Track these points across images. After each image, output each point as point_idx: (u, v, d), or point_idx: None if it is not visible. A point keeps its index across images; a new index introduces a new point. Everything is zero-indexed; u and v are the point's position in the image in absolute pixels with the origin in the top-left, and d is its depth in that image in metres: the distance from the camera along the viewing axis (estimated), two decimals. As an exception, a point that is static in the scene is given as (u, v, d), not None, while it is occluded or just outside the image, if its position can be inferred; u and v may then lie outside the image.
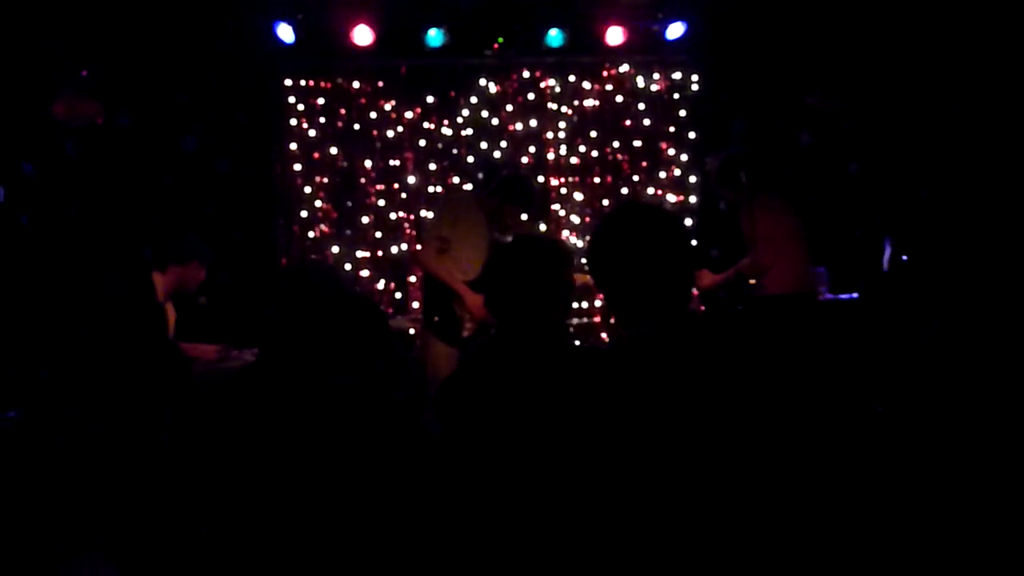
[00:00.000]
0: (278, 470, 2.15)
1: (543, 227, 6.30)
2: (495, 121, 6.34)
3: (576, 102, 6.43)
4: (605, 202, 6.44)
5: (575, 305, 6.35)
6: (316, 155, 6.22)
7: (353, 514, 2.10)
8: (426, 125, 6.30)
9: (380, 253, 6.25)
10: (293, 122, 6.20)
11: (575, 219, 6.41)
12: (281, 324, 2.44)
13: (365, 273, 6.21)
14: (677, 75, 6.43)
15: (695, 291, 4.62)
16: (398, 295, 6.24)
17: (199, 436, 2.18)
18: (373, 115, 6.26)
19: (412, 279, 6.21)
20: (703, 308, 5.25)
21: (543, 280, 2.22)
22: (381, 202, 6.27)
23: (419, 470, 2.19)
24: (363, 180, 6.27)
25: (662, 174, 6.43)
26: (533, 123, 6.34)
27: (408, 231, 6.28)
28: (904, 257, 4.58)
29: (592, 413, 1.75)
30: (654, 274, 1.80)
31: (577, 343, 5.89)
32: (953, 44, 5.49)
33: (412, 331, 5.75)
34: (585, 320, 6.29)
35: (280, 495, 2.12)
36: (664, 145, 6.46)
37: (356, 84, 6.26)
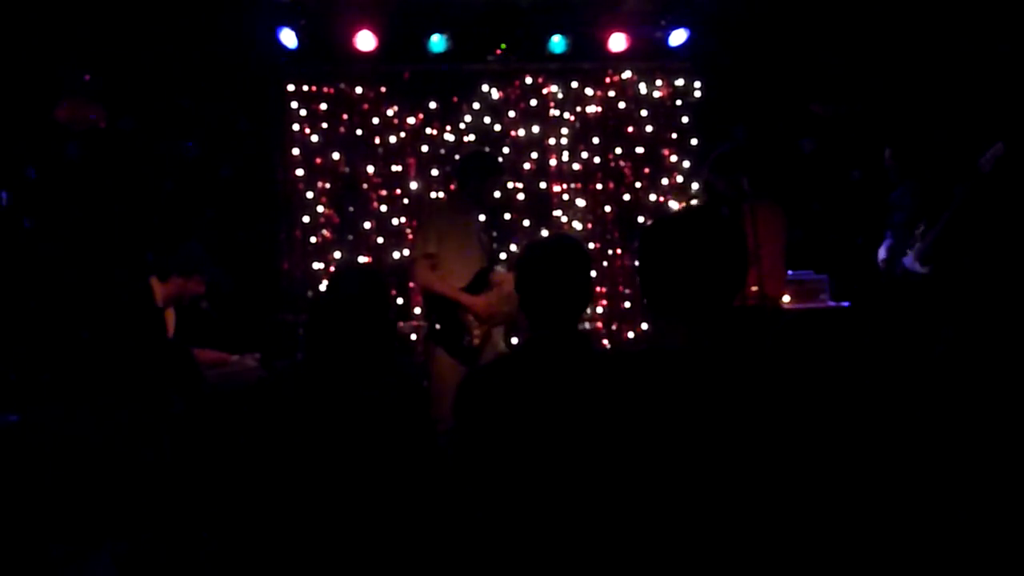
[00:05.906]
0: (296, 474, 2.14)
1: (545, 232, 6.28)
2: (497, 127, 6.34)
3: (578, 108, 6.43)
4: (607, 208, 6.44)
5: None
6: (318, 160, 6.21)
7: (368, 516, 2.09)
8: (428, 131, 6.29)
9: (382, 259, 6.23)
10: (296, 127, 6.19)
11: (577, 225, 6.40)
12: (322, 329, 2.40)
13: (367, 278, 6.19)
14: (680, 81, 6.43)
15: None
16: (400, 300, 6.23)
17: (225, 436, 2.17)
18: (375, 121, 6.26)
19: (413, 284, 6.19)
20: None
21: (579, 281, 2.26)
22: (383, 208, 6.26)
23: (434, 473, 2.19)
24: (365, 186, 6.26)
25: (664, 180, 6.42)
26: (536, 129, 6.34)
27: (410, 237, 6.26)
28: (906, 259, 4.57)
29: (613, 419, 1.76)
30: (691, 277, 1.76)
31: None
32: (957, 50, 5.50)
33: (414, 336, 5.74)
34: (586, 325, 6.27)
35: (295, 499, 2.11)
36: (666, 151, 6.46)
37: (359, 90, 6.26)
